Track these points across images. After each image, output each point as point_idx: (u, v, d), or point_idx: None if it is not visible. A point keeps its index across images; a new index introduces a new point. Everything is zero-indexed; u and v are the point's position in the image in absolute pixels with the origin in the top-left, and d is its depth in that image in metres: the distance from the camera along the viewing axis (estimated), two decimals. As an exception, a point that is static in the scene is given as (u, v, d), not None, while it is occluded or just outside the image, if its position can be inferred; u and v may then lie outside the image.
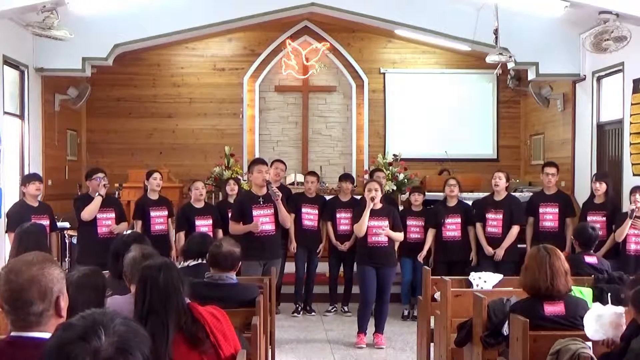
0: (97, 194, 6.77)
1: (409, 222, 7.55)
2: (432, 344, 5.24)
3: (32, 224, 5.38)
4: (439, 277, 5.17)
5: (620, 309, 3.31)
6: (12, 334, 2.10)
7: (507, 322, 3.75)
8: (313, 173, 8.29)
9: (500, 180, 7.27)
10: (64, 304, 2.14)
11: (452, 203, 7.56)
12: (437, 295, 5.22)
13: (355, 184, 8.17)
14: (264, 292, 4.57)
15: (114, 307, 3.20)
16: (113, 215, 6.90)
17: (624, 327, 3.27)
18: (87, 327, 1.50)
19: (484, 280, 5.29)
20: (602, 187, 6.93)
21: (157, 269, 2.85)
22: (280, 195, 6.41)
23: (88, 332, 1.49)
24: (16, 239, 4.67)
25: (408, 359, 6.17)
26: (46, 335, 2.07)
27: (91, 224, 6.78)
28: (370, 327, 6.67)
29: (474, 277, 5.38)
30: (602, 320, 3.28)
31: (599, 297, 4.55)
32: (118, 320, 1.54)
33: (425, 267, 5.60)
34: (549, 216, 7.27)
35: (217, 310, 2.93)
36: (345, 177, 8.07)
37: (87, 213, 6.73)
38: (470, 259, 7.44)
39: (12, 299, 2.07)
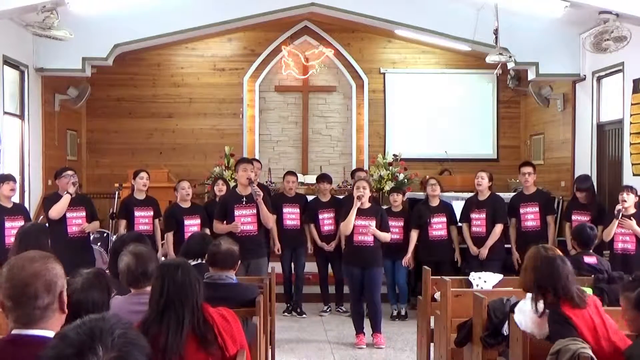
0: (65, 192, 6.62)
1: (389, 223, 7.54)
2: (432, 344, 5.24)
3: (33, 224, 5.36)
4: (439, 277, 5.17)
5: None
6: (14, 332, 2.08)
7: (507, 322, 3.74)
8: (292, 173, 8.29)
9: (482, 180, 7.34)
10: (66, 299, 2.14)
11: (434, 203, 7.61)
12: (437, 295, 5.22)
13: (350, 184, 8.19)
14: (264, 292, 4.57)
15: (114, 307, 3.21)
16: (84, 214, 6.75)
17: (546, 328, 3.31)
18: (84, 342, 1.45)
19: (484, 280, 5.30)
20: (582, 195, 7.15)
21: (174, 267, 2.91)
22: (262, 194, 6.40)
23: (85, 348, 1.44)
24: (17, 238, 4.67)
25: (408, 359, 6.17)
26: (48, 333, 2.06)
27: (61, 223, 6.61)
28: (368, 328, 6.67)
29: (474, 277, 5.39)
30: (525, 316, 3.34)
31: (599, 297, 4.55)
32: (117, 331, 1.49)
33: (425, 267, 5.59)
34: (530, 216, 7.36)
35: (228, 312, 2.95)
36: (322, 177, 8.10)
37: (55, 211, 6.56)
38: (455, 259, 7.48)
39: (16, 294, 2.06)
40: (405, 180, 9.98)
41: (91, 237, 7.36)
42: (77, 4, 7.45)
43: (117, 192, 8.75)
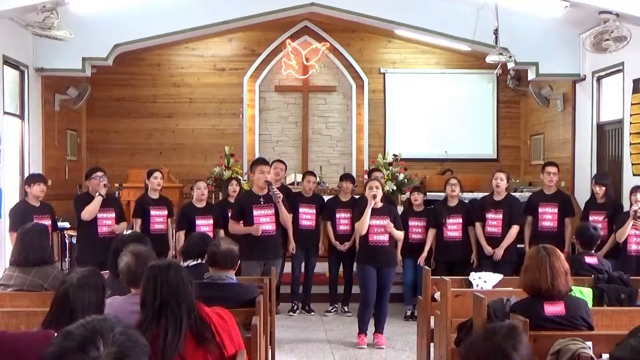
0: (97, 193, 6.76)
1: (411, 223, 7.53)
2: (432, 344, 5.24)
3: (34, 224, 5.34)
4: (439, 277, 5.17)
5: None
6: None
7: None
8: (312, 173, 8.28)
9: (501, 182, 7.23)
10: None
11: (453, 203, 7.54)
12: (437, 295, 5.21)
13: (355, 184, 8.16)
14: (264, 292, 4.57)
15: (114, 307, 3.21)
16: (113, 214, 6.89)
17: None
18: (86, 337, 1.50)
19: (484, 280, 5.29)
20: (601, 190, 6.97)
21: (166, 267, 2.90)
22: (282, 196, 6.39)
23: (86, 343, 1.48)
24: (18, 239, 4.66)
25: (408, 359, 6.17)
26: None
27: (91, 224, 6.78)
28: (370, 327, 6.67)
29: (474, 277, 5.38)
30: None
31: (599, 297, 4.56)
32: (118, 329, 1.53)
33: (426, 267, 5.59)
34: (549, 216, 7.27)
35: (223, 311, 2.95)
36: (346, 177, 8.05)
37: (88, 213, 6.73)
38: (472, 260, 7.42)
39: None
40: (405, 180, 9.98)
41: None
42: (77, 4, 7.44)
43: (117, 192, 8.74)
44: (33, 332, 2.54)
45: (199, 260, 4.63)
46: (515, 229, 7.17)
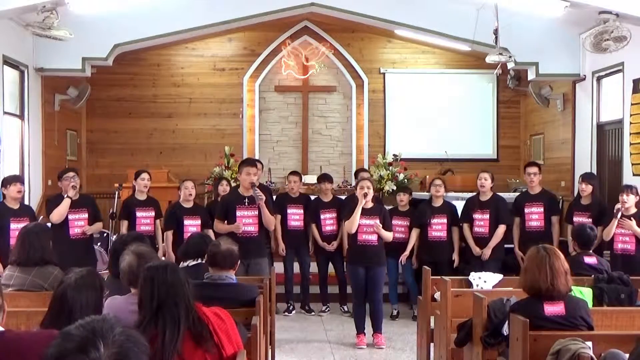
0: (66, 195, 6.59)
1: (394, 222, 7.53)
2: (432, 344, 5.25)
3: (35, 225, 5.32)
4: (439, 277, 5.17)
5: None
6: None
7: (507, 322, 3.75)
8: (296, 173, 8.28)
9: (485, 181, 7.34)
10: None
11: (437, 203, 7.60)
12: (437, 295, 5.22)
13: (353, 184, 8.19)
14: (264, 292, 4.57)
15: (113, 307, 3.21)
16: (86, 215, 6.69)
17: None
18: (86, 337, 1.50)
19: (484, 280, 5.30)
20: (587, 189, 7.00)
21: (162, 267, 2.90)
22: (264, 198, 6.37)
23: (87, 344, 1.48)
24: (19, 238, 4.65)
25: (408, 359, 6.17)
26: None
27: (63, 226, 6.56)
28: (369, 328, 6.67)
29: (474, 277, 5.39)
30: None
31: (599, 297, 4.56)
32: (118, 329, 1.54)
33: (425, 267, 5.59)
34: (535, 216, 7.33)
35: (221, 310, 2.95)
36: (324, 177, 8.09)
37: (56, 216, 6.52)
38: (453, 259, 7.48)
39: None
40: (405, 180, 9.98)
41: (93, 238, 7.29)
42: (77, 4, 7.44)
43: (117, 192, 8.74)
44: (37, 331, 2.53)
45: (199, 260, 4.63)
46: (502, 229, 7.25)
